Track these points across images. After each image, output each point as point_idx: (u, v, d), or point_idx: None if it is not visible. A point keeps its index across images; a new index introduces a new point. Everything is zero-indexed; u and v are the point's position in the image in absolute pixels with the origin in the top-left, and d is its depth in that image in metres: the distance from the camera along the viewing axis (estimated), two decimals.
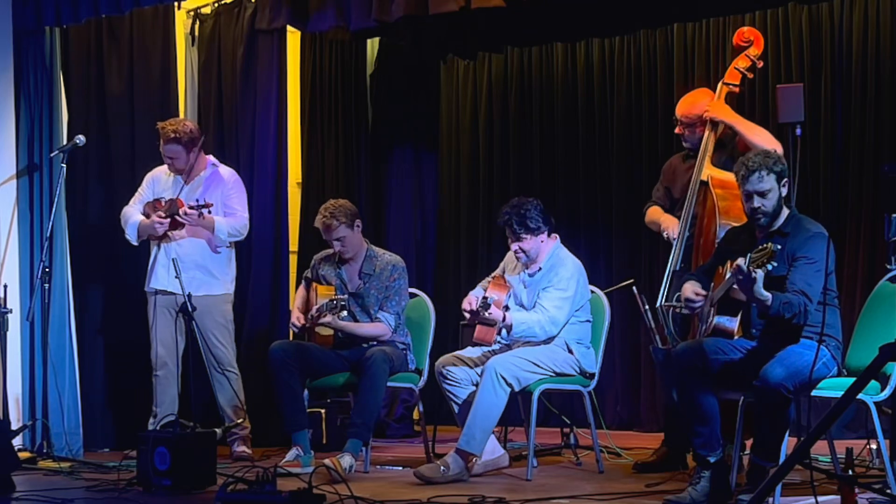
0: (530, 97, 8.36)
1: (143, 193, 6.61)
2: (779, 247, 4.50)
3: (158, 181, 6.61)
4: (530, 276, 5.88)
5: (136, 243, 6.57)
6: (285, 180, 7.20)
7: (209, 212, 6.32)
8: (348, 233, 6.12)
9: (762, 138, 5.52)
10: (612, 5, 7.29)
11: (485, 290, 5.85)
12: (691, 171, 5.69)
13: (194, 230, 6.44)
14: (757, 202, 4.82)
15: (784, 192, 4.86)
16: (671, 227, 5.73)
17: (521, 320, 5.72)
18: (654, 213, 5.92)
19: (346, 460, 5.64)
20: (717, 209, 5.43)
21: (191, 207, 6.30)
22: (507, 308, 5.83)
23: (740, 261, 4.52)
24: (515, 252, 5.86)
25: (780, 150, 5.35)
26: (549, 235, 5.88)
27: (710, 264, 5.11)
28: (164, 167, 6.60)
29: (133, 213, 6.56)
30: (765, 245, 4.47)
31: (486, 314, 5.61)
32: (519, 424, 6.45)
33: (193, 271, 6.40)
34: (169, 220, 6.36)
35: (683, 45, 7.72)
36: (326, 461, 5.56)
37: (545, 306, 5.74)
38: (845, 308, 5.05)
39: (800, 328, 4.69)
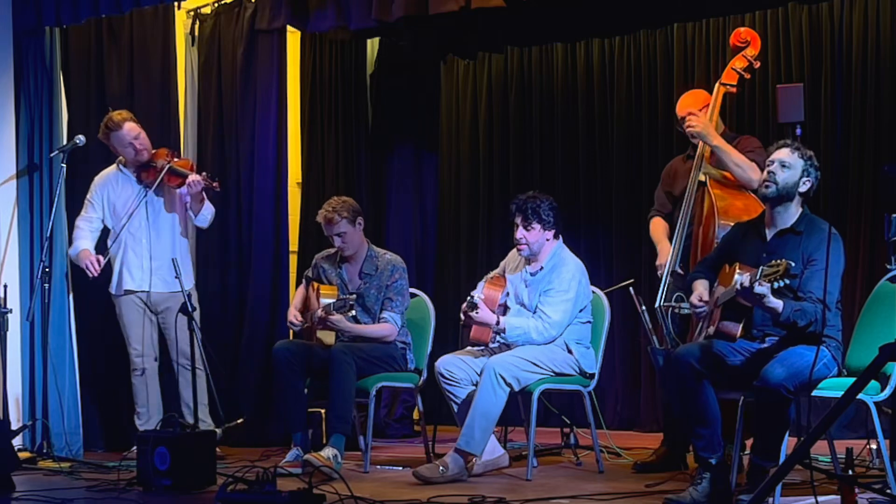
0: (530, 97, 8.36)
1: (93, 203, 6.58)
2: (793, 263, 4.47)
3: (109, 186, 6.58)
4: (532, 275, 5.88)
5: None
6: (285, 180, 7.19)
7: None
8: (349, 229, 6.12)
9: (742, 172, 5.46)
10: (612, 5, 7.29)
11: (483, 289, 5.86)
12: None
13: (162, 223, 6.48)
14: (774, 168, 4.81)
15: (803, 189, 4.85)
16: (662, 259, 5.73)
17: (516, 325, 5.71)
18: (656, 232, 5.90)
19: (328, 451, 5.65)
20: (715, 209, 5.43)
21: (209, 179, 6.39)
22: (506, 308, 5.84)
23: (745, 279, 4.50)
24: (519, 241, 5.82)
25: (755, 183, 5.25)
26: (555, 237, 5.88)
27: (715, 259, 5.09)
28: (107, 172, 6.60)
29: (78, 237, 6.54)
30: (779, 261, 4.44)
31: (474, 314, 5.61)
32: (519, 424, 6.45)
33: (165, 268, 6.42)
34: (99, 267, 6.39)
35: (683, 45, 7.72)
36: (307, 456, 5.60)
37: (546, 312, 5.73)
38: (845, 308, 5.04)
39: (815, 335, 4.65)
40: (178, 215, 6.58)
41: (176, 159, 6.52)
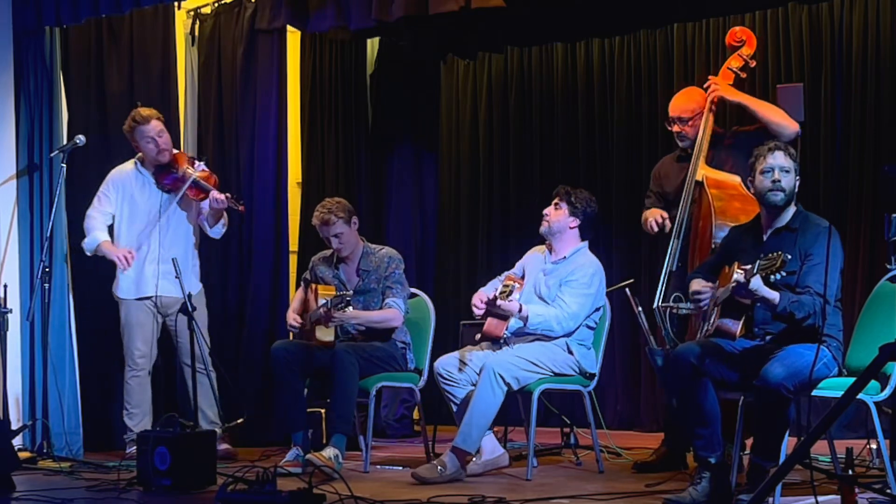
0: (530, 97, 8.36)
1: (108, 196, 6.54)
2: (789, 256, 4.49)
3: (127, 183, 6.55)
4: (553, 263, 5.88)
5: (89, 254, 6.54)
6: (285, 180, 7.20)
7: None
8: (346, 229, 6.13)
9: (778, 115, 5.54)
10: (612, 5, 7.29)
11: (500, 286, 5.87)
12: (684, 172, 5.70)
13: (176, 229, 6.48)
14: (778, 175, 4.82)
15: (796, 188, 4.87)
16: (650, 216, 5.73)
17: (538, 313, 5.71)
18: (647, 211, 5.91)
19: (329, 451, 5.65)
20: (712, 209, 5.43)
21: (234, 200, 6.43)
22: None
23: (741, 276, 4.50)
24: (544, 215, 5.90)
25: (795, 127, 5.44)
26: (581, 237, 5.90)
27: (713, 262, 5.08)
28: (125, 169, 6.58)
29: (94, 227, 6.50)
30: (776, 253, 4.45)
31: (508, 301, 5.64)
32: (519, 424, 6.46)
33: (187, 271, 6.41)
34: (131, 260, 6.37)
35: (683, 45, 7.72)
36: (309, 455, 5.60)
37: (565, 301, 5.74)
38: (845, 308, 5.04)
39: (814, 330, 4.66)
40: (192, 224, 6.60)
41: (199, 171, 6.48)
